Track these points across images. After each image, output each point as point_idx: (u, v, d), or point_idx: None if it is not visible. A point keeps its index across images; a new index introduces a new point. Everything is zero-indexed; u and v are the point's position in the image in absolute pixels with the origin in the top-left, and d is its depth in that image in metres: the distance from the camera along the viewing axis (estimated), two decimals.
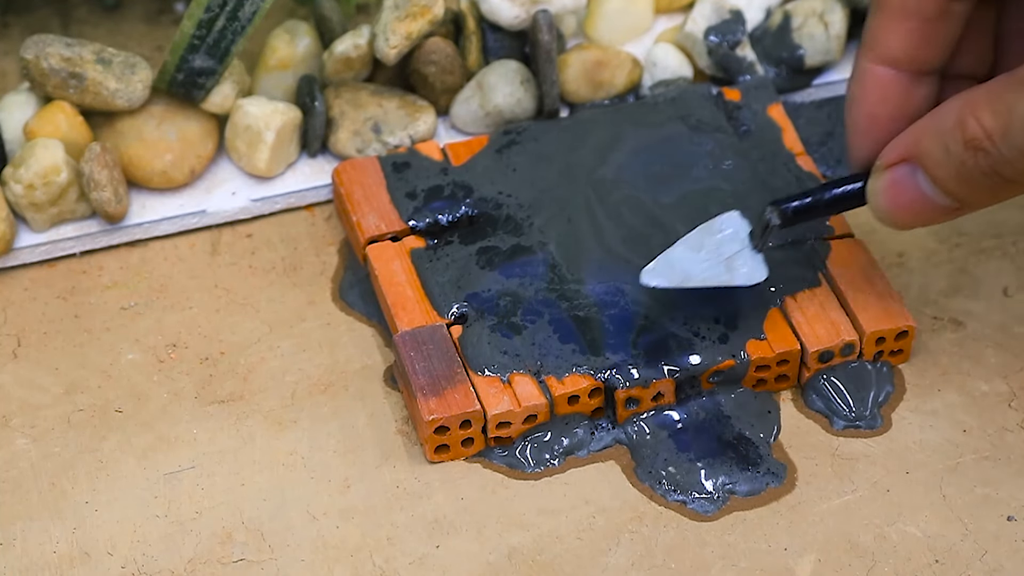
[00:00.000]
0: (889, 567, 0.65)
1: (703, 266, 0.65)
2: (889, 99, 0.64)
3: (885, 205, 0.63)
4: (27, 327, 0.73)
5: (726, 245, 0.66)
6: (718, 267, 0.65)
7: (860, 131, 0.64)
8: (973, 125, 0.59)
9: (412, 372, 0.68)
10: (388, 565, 0.65)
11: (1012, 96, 0.59)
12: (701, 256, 0.65)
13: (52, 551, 0.65)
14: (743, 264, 0.66)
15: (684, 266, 0.65)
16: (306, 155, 0.79)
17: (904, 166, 0.62)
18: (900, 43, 0.63)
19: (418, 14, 0.77)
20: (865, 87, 0.64)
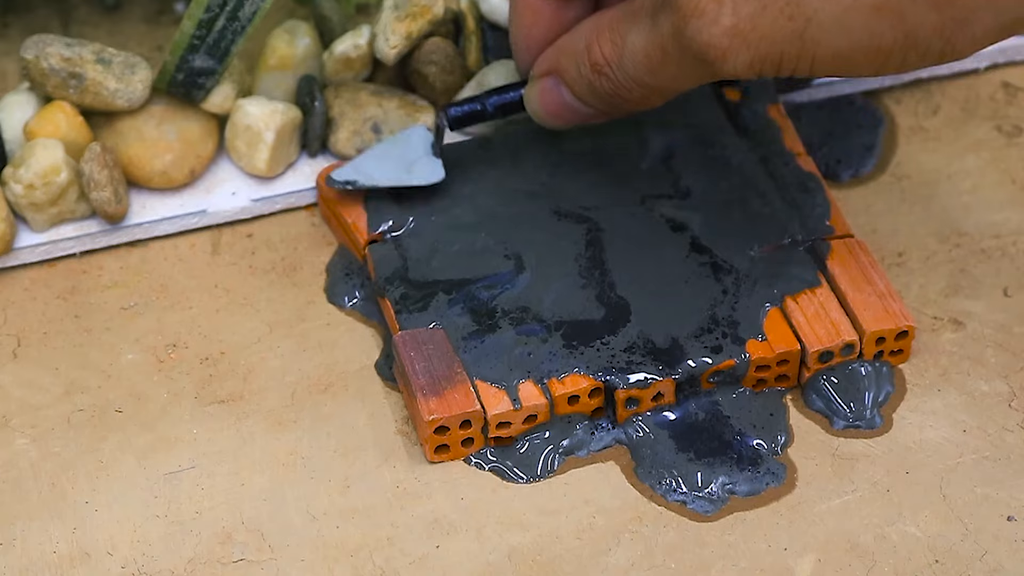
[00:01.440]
0: (889, 567, 0.65)
1: (386, 168, 0.72)
2: (540, 21, 0.71)
3: (538, 109, 0.71)
4: (27, 327, 0.73)
5: (410, 153, 0.72)
6: (400, 170, 0.72)
7: (519, 48, 0.72)
8: (596, 51, 0.67)
9: (412, 372, 0.68)
10: (388, 565, 0.65)
11: (624, 29, 0.65)
12: (386, 163, 0.72)
13: (52, 551, 0.65)
14: (423, 167, 0.72)
15: (369, 170, 0.72)
16: (306, 155, 0.79)
17: (550, 78, 0.70)
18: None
19: (418, 14, 0.77)
20: (519, 11, 0.71)
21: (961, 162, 0.79)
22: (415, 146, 0.73)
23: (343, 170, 0.73)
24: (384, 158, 0.72)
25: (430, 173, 0.72)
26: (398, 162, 0.72)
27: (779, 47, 0.62)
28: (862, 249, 0.72)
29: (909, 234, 0.76)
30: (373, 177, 0.71)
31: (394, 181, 0.71)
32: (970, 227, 0.76)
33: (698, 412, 0.69)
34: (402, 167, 0.72)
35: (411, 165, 0.72)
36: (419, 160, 0.72)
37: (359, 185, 0.72)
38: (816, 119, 0.81)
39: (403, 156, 0.72)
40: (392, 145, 0.73)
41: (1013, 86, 0.82)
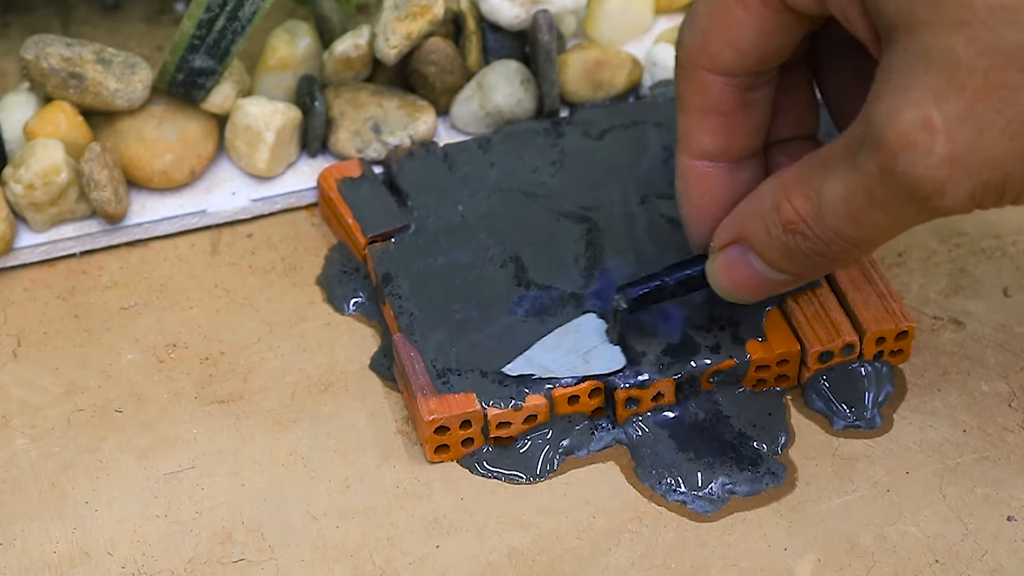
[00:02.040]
0: (889, 567, 0.65)
1: (561, 361, 0.68)
2: (712, 189, 0.66)
3: (725, 284, 0.65)
4: (27, 327, 0.73)
5: (583, 342, 0.68)
6: (576, 360, 0.68)
7: (692, 221, 0.67)
8: (787, 209, 0.61)
9: (412, 372, 0.68)
10: (388, 565, 0.65)
11: (818, 179, 0.60)
12: (559, 354, 0.68)
13: (52, 551, 0.65)
14: (601, 356, 0.68)
15: (543, 362, 0.68)
16: (306, 155, 0.79)
17: (736, 247, 0.64)
18: (708, 139, 0.65)
19: (418, 14, 0.77)
20: (688, 182, 0.66)
21: None
22: (587, 335, 0.69)
23: (517, 364, 0.68)
24: (556, 349, 0.68)
25: (610, 361, 0.68)
26: (571, 352, 0.68)
27: (1003, 170, 0.56)
28: None
29: (909, 234, 0.76)
30: (549, 369, 0.68)
31: (573, 372, 0.68)
32: (970, 227, 0.76)
33: (698, 412, 0.69)
34: (578, 357, 0.68)
35: (587, 354, 0.68)
36: (595, 349, 0.68)
37: (535, 378, 0.68)
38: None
39: (576, 345, 0.68)
40: (563, 336, 0.69)
41: None
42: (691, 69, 0.63)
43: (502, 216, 0.74)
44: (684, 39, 0.63)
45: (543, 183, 0.75)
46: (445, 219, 0.74)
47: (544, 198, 0.75)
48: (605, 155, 0.76)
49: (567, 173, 0.76)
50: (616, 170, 0.76)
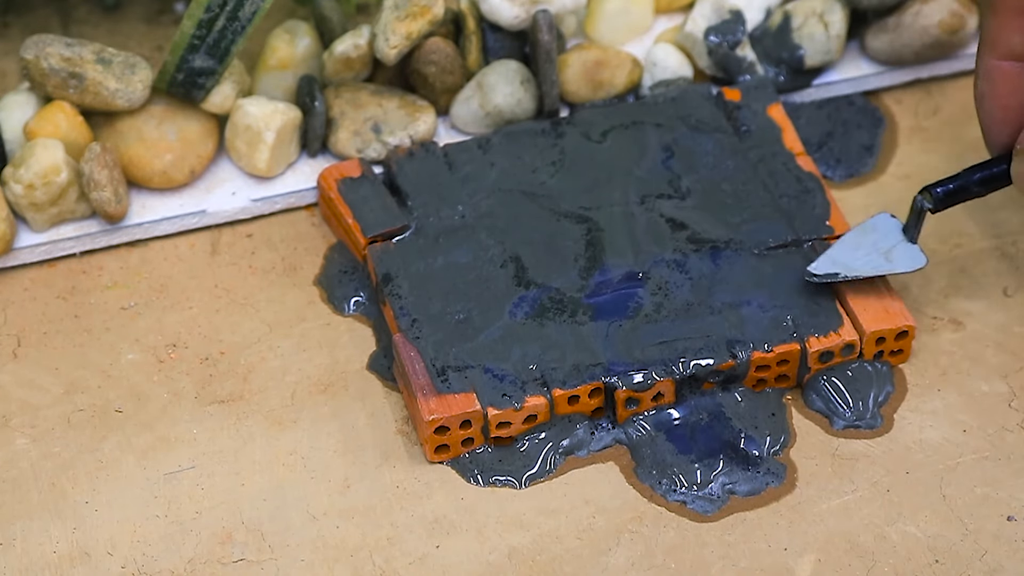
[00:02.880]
0: (889, 567, 0.65)
1: (864, 260, 0.69)
2: (1019, 90, 0.67)
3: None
4: (27, 327, 0.73)
5: (882, 241, 0.69)
6: (878, 258, 0.69)
7: (996, 121, 0.68)
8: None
9: (412, 372, 0.68)
10: (388, 565, 0.65)
11: None
12: (860, 252, 0.69)
13: (52, 551, 0.65)
14: (901, 254, 0.69)
15: (846, 260, 0.69)
16: (306, 155, 0.79)
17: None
18: (1019, 38, 0.66)
19: (418, 14, 0.77)
20: (995, 83, 0.67)
21: (961, 162, 0.79)
22: (885, 234, 0.70)
23: (821, 262, 0.69)
24: (858, 248, 0.69)
25: (911, 260, 0.69)
26: (872, 251, 0.69)
27: None
28: None
29: None
30: (855, 268, 0.68)
31: (877, 270, 0.69)
32: (970, 227, 0.76)
33: (698, 412, 0.69)
34: (879, 256, 0.69)
35: (888, 253, 0.69)
36: (896, 247, 0.69)
37: (841, 278, 0.69)
38: (816, 119, 0.81)
39: (876, 245, 0.69)
40: (861, 235, 0.70)
41: None
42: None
43: (502, 216, 0.74)
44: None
45: (543, 183, 0.75)
46: (445, 219, 0.74)
47: (544, 198, 0.75)
48: (605, 155, 0.76)
49: (567, 173, 0.76)
50: (616, 170, 0.76)
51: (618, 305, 0.70)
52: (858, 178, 0.79)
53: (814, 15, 0.81)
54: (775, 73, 0.81)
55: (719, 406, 0.69)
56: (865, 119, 0.81)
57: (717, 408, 0.69)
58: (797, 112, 0.81)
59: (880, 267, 0.68)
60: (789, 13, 0.81)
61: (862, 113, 0.81)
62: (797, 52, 0.81)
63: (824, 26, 0.81)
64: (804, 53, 0.81)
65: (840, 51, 0.81)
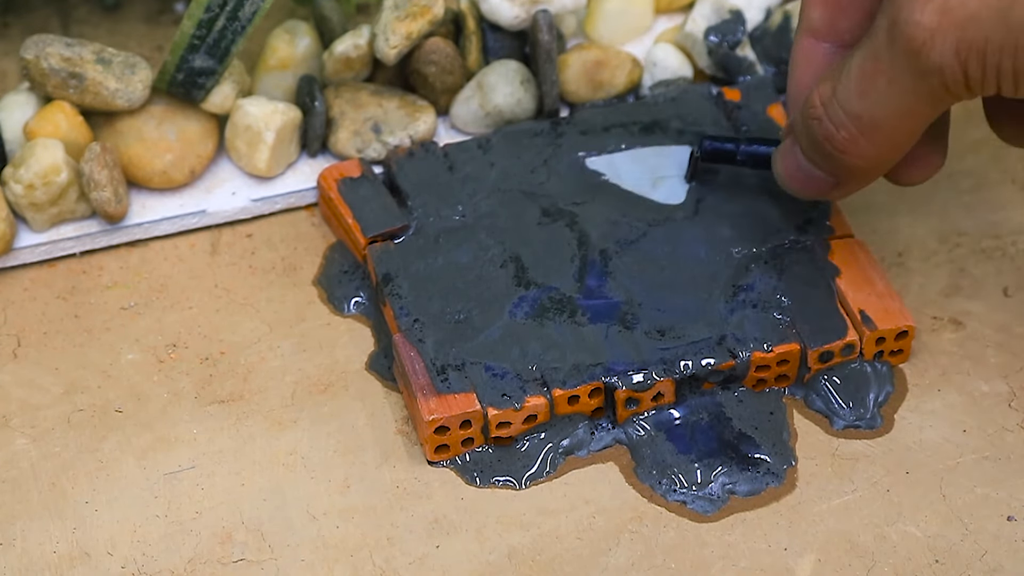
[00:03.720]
0: (889, 567, 0.65)
1: (635, 175, 0.70)
2: (815, 66, 0.67)
3: (779, 170, 0.68)
4: (27, 327, 0.73)
5: (662, 167, 0.70)
6: (645, 181, 0.70)
7: (793, 98, 0.68)
8: (813, 95, 0.63)
9: (412, 372, 0.68)
10: (388, 565, 0.65)
11: (841, 63, 0.62)
12: (637, 167, 0.70)
13: (52, 551, 0.65)
14: (668, 186, 0.70)
15: (620, 169, 0.70)
16: (306, 155, 0.79)
17: (789, 137, 0.66)
18: (819, 15, 0.66)
19: (418, 14, 0.77)
20: (796, 58, 0.67)
21: (961, 162, 0.79)
22: (670, 163, 0.71)
23: (598, 159, 0.71)
24: (639, 162, 0.70)
25: (670, 194, 0.70)
26: (648, 172, 0.70)
27: (984, 32, 0.58)
28: (862, 249, 0.73)
29: (909, 234, 0.76)
30: (620, 177, 0.70)
31: (636, 189, 0.69)
32: (970, 227, 0.76)
33: (698, 412, 0.69)
34: (649, 180, 0.70)
35: (658, 180, 0.70)
36: (668, 178, 0.70)
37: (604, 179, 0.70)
38: None
39: (655, 169, 0.70)
40: (651, 154, 0.71)
41: None
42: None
43: (502, 216, 0.74)
44: None
45: (543, 183, 0.75)
46: (445, 219, 0.74)
47: (544, 198, 0.75)
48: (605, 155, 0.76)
49: (567, 173, 0.75)
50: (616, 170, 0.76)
51: (612, 308, 0.70)
52: None
53: None
54: (775, 73, 0.81)
55: (719, 406, 0.69)
56: None
57: (717, 408, 0.69)
58: None
59: (643, 190, 0.69)
60: (789, 13, 0.81)
61: None
62: None
63: None
64: None
65: None
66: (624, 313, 0.70)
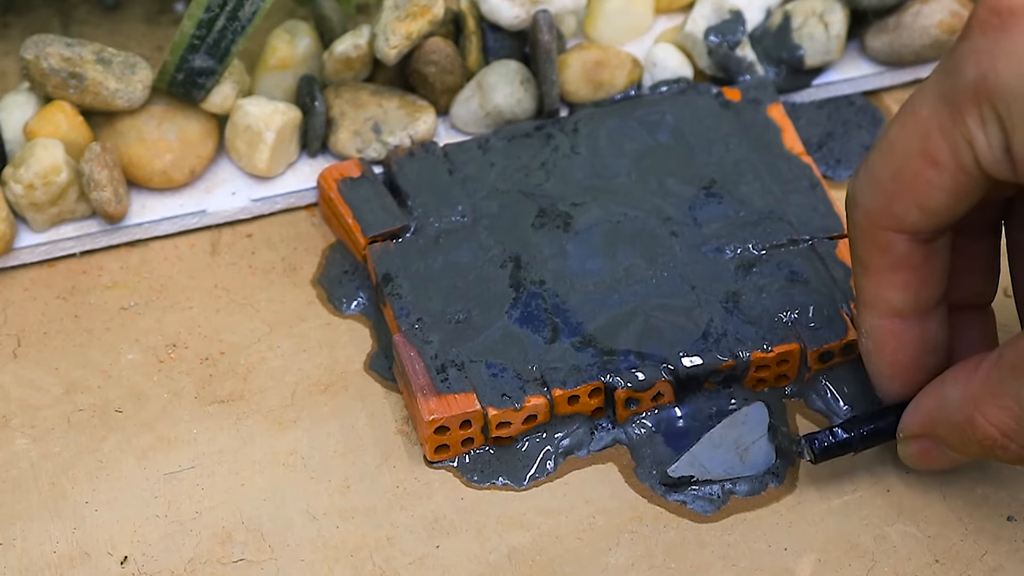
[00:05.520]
0: (889, 567, 0.65)
1: (720, 459, 0.68)
2: (906, 344, 0.64)
3: (920, 466, 0.66)
4: (27, 327, 0.73)
5: (746, 436, 0.68)
6: (733, 458, 0.68)
7: (887, 377, 0.65)
8: (983, 424, 0.61)
9: (412, 372, 0.68)
10: (388, 565, 0.65)
11: (1014, 386, 0.59)
12: (720, 451, 0.68)
13: (52, 551, 0.65)
14: (756, 454, 0.68)
15: (703, 460, 0.67)
16: (306, 155, 0.79)
17: (928, 440, 0.64)
18: (898, 296, 0.63)
19: (418, 14, 0.77)
20: (879, 342, 0.64)
21: None
22: (752, 427, 0.68)
23: (680, 464, 0.68)
24: (720, 445, 0.68)
25: (766, 457, 0.68)
26: (732, 449, 0.68)
27: None
28: None
29: None
30: (709, 470, 0.67)
31: (729, 473, 0.67)
32: None
33: (698, 412, 0.69)
34: (735, 454, 0.68)
35: (745, 452, 0.68)
36: (755, 444, 0.68)
37: (693, 481, 0.68)
38: (816, 119, 0.81)
39: (737, 442, 0.68)
40: (727, 428, 0.68)
41: None
42: (872, 231, 0.61)
43: (502, 216, 0.74)
44: (862, 200, 0.61)
45: (543, 183, 0.75)
46: (445, 219, 0.74)
47: (544, 198, 0.75)
48: (605, 155, 0.76)
49: (567, 173, 0.76)
50: (615, 170, 0.76)
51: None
52: None
53: (814, 15, 0.81)
54: (775, 73, 0.81)
55: (719, 406, 0.69)
56: (865, 119, 0.81)
57: (717, 408, 0.69)
58: (797, 112, 0.81)
59: (733, 469, 0.67)
60: (789, 13, 0.81)
61: (862, 113, 0.81)
62: (797, 52, 0.81)
63: (824, 26, 0.81)
64: (804, 53, 0.81)
65: (840, 51, 0.81)
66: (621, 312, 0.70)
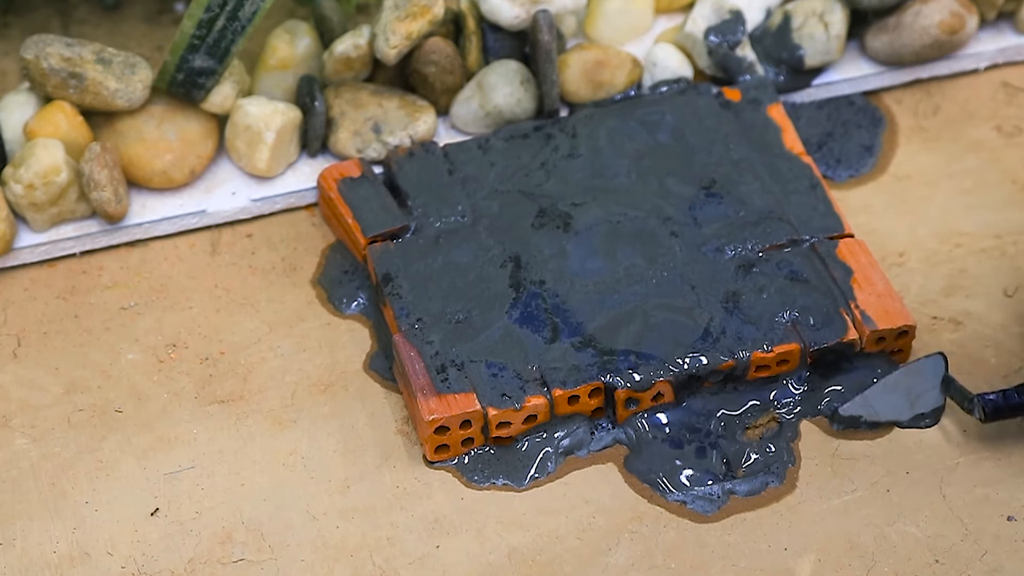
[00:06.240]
0: (889, 567, 0.65)
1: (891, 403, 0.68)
2: None
3: None
4: (27, 327, 0.73)
5: (920, 384, 0.68)
6: (903, 403, 0.68)
7: None
8: None
9: (412, 372, 0.68)
10: (388, 565, 0.65)
11: None
12: (892, 396, 0.68)
13: (52, 551, 0.65)
14: (926, 401, 0.68)
15: (874, 403, 0.68)
16: (306, 155, 0.79)
17: None
18: None
19: (418, 14, 0.77)
20: None
21: (961, 162, 0.79)
22: (927, 377, 0.68)
23: (852, 404, 0.68)
24: (893, 391, 0.68)
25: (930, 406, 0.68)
26: (904, 395, 0.68)
27: None
28: (862, 249, 0.73)
29: (909, 234, 0.76)
30: (878, 412, 0.68)
31: (898, 416, 0.68)
32: (970, 227, 0.76)
33: (698, 412, 0.69)
34: (906, 400, 0.68)
35: (917, 398, 0.68)
36: (927, 393, 0.68)
37: (861, 423, 0.68)
38: (816, 119, 0.81)
39: (912, 388, 0.68)
40: (906, 376, 0.68)
41: (1013, 86, 0.82)
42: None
43: (502, 216, 0.74)
44: None
45: (543, 183, 0.75)
46: (445, 219, 0.74)
47: (544, 198, 0.75)
48: (605, 155, 0.76)
49: (567, 173, 0.76)
50: (615, 170, 0.76)
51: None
52: (858, 178, 0.79)
53: (814, 15, 0.81)
54: (775, 73, 0.81)
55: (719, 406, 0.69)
56: (865, 119, 0.81)
57: (717, 408, 0.69)
58: (797, 112, 0.81)
59: (902, 413, 0.68)
60: (789, 13, 0.81)
61: (862, 113, 0.81)
62: (797, 52, 0.81)
63: (824, 26, 0.81)
64: (804, 53, 0.81)
65: (840, 51, 0.81)
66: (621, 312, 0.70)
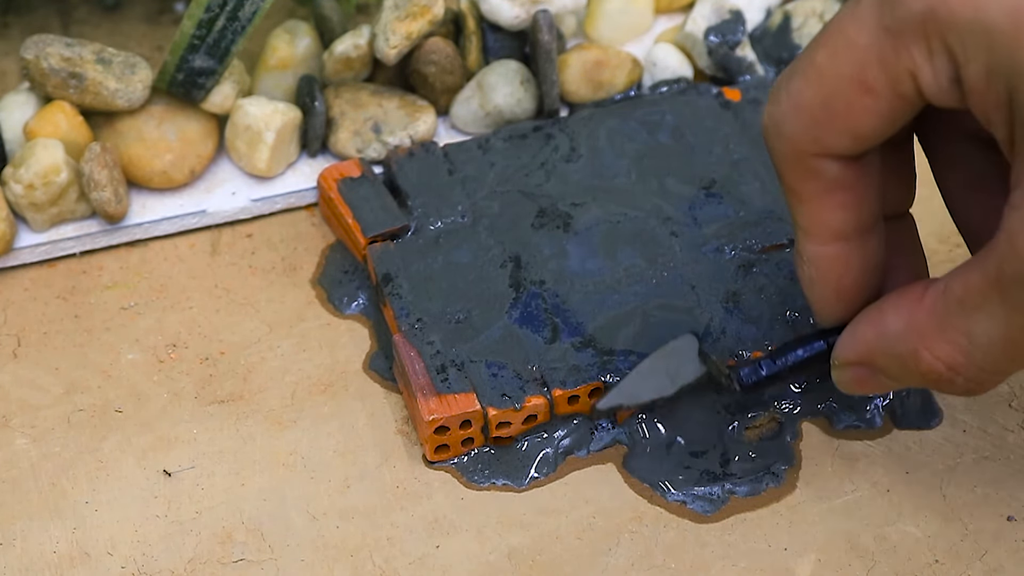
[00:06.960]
0: (889, 567, 0.65)
1: (650, 385, 0.67)
2: (852, 268, 0.61)
3: (854, 391, 0.63)
4: (27, 327, 0.73)
5: (676, 364, 0.67)
6: (664, 382, 0.67)
7: (830, 303, 0.62)
8: (928, 359, 0.58)
9: (412, 372, 0.68)
10: (388, 565, 0.65)
11: (962, 321, 0.56)
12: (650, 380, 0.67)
13: (52, 551, 0.65)
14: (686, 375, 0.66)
15: (632, 390, 0.67)
16: (306, 155, 0.79)
17: (865, 369, 0.61)
18: (839, 216, 0.60)
19: (418, 14, 0.77)
20: (822, 268, 0.61)
21: None
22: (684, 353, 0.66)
23: (607, 399, 0.67)
24: (650, 376, 0.67)
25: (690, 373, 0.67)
26: (663, 375, 0.66)
27: None
28: None
29: None
30: (638, 396, 0.67)
31: (660, 393, 0.66)
32: None
33: (698, 412, 0.69)
34: (666, 378, 0.66)
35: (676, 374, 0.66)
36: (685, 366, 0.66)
37: (624, 408, 0.67)
38: None
39: (669, 367, 0.66)
40: (659, 360, 0.67)
41: None
42: (801, 158, 0.59)
43: (502, 216, 0.74)
44: (787, 130, 0.58)
45: (543, 183, 0.75)
46: (445, 219, 0.74)
47: (544, 198, 0.75)
48: (605, 155, 0.76)
49: (567, 173, 0.76)
50: (615, 170, 0.76)
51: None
52: None
53: (814, 15, 0.81)
54: (775, 73, 0.81)
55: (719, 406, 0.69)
56: None
57: (717, 408, 0.69)
58: None
59: (664, 390, 0.66)
60: (789, 13, 0.81)
61: None
62: (797, 52, 0.81)
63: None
64: None
65: None
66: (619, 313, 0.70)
